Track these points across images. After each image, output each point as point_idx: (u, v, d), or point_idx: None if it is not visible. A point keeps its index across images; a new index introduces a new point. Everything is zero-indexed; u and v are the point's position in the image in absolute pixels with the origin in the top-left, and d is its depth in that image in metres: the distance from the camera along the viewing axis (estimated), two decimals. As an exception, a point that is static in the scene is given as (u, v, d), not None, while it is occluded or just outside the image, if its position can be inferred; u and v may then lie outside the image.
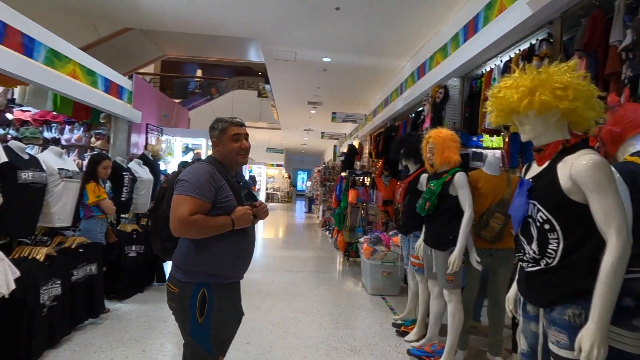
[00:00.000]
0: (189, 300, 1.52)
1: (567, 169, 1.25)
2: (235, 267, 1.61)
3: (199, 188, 1.49)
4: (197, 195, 1.48)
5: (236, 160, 1.65)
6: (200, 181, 1.50)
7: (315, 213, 13.75)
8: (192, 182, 1.49)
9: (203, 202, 1.49)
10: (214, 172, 1.56)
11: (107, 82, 4.44)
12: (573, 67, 1.31)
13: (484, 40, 3.27)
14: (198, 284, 1.53)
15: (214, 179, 1.53)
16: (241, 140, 1.64)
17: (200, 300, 1.52)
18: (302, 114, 10.58)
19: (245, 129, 1.68)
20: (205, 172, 1.53)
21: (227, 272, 1.59)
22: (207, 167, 1.56)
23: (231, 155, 1.63)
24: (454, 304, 2.53)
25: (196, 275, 1.54)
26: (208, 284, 1.54)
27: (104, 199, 3.27)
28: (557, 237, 1.27)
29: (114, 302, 3.64)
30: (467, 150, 3.94)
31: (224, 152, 1.63)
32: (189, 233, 1.51)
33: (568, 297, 1.25)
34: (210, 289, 1.54)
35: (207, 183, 1.50)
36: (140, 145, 5.27)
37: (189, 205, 1.46)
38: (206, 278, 1.54)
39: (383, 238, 4.42)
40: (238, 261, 1.61)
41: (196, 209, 1.47)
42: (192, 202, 1.47)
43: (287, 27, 4.87)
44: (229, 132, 1.62)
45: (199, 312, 1.52)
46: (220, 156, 1.65)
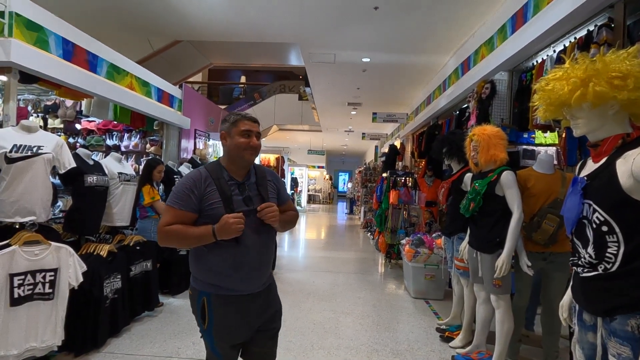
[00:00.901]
0: (195, 305, 1.53)
1: (629, 166, 1.14)
2: (230, 281, 1.47)
3: (178, 197, 1.44)
4: (175, 205, 1.44)
5: (242, 156, 1.50)
6: (181, 190, 1.45)
7: (357, 214, 13.67)
8: (174, 192, 1.47)
9: (181, 212, 1.43)
10: (202, 177, 1.47)
11: (159, 92, 4.78)
12: (634, 53, 1.19)
13: (535, 30, 3.05)
14: (201, 292, 1.50)
15: (197, 187, 1.44)
16: (251, 137, 1.51)
17: (201, 308, 1.49)
18: (342, 116, 10.59)
19: (257, 127, 1.56)
20: (188, 180, 1.47)
21: (223, 284, 1.48)
22: (195, 173, 1.50)
23: (237, 151, 1.49)
24: (503, 311, 2.40)
25: (199, 283, 1.51)
26: (208, 293, 1.48)
27: (158, 200, 3.52)
28: (616, 240, 1.16)
29: (167, 297, 3.90)
30: (517, 148, 3.71)
31: (230, 146, 1.50)
32: (168, 243, 1.48)
33: (631, 307, 1.13)
34: (210, 299, 1.48)
35: (187, 191, 1.44)
36: (190, 149, 5.60)
37: (167, 215, 1.44)
38: (207, 287, 1.49)
39: (426, 240, 4.30)
40: (236, 274, 1.47)
41: (173, 219, 1.43)
42: (170, 212, 1.44)
43: (326, 30, 4.91)
44: (240, 125, 1.50)
45: (202, 319, 1.50)
46: (227, 151, 1.53)
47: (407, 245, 4.39)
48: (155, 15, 4.93)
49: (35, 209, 2.29)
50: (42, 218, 2.34)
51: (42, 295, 2.28)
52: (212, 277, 1.48)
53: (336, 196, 23.19)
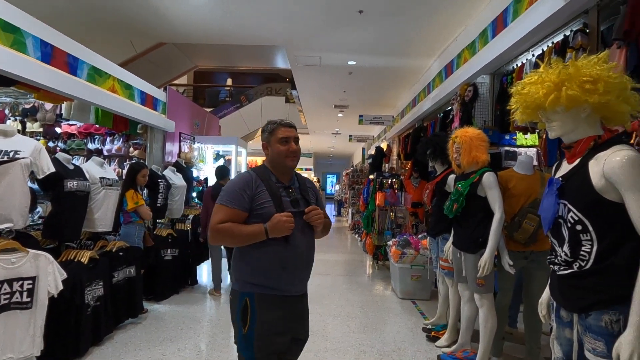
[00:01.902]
0: (236, 309, 1.50)
1: (600, 166, 1.18)
2: (278, 280, 1.50)
3: (230, 196, 1.49)
4: (228, 204, 1.48)
5: (284, 164, 1.56)
6: (233, 189, 1.50)
7: (345, 216, 13.71)
8: (226, 191, 1.51)
9: (234, 211, 1.47)
10: (253, 179, 1.52)
11: (143, 94, 4.71)
12: (604, 58, 1.24)
13: (514, 35, 3.14)
14: (243, 293, 1.49)
15: (249, 187, 1.50)
16: (289, 143, 1.56)
17: (243, 310, 1.47)
18: (329, 118, 10.63)
19: (295, 132, 1.61)
20: (240, 180, 1.53)
21: (269, 283, 1.49)
22: (245, 174, 1.56)
23: (279, 159, 1.56)
24: (486, 309, 2.44)
25: (242, 284, 1.51)
26: (251, 293, 1.48)
27: (142, 205, 3.46)
28: (590, 238, 1.20)
29: (151, 303, 3.83)
30: (500, 150, 3.79)
31: (272, 154, 1.58)
32: (220, 241, 1.52)
33: (604, 303, 1.17)
34: (254, 299, 1.47)
35: (239, 191, 1.48)
36: (174, 153, 5.52)
37: (220, 214, 1.48)
38: (250, 287, 1.49)
39: (412, 241, 4.34)
40: (284, 273, 1.50)
41: (226, 217, 1.47)
42: (222, 211, 1.48)
43: (312, 33, 4.94)
44: (278, 134, 1.56)
45: (242, 322, 1.47)
46: (269, 159, 1.60)
47: (393, 246, 4.43)
48: (138, 17, 4.86)
49: (12, 216, 2.22)
50: (19, 225, 2.27)
51: (19, 305, 2.21)
52: (257, 276, 1.49)
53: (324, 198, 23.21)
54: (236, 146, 6.61)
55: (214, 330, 3.27)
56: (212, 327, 3.36)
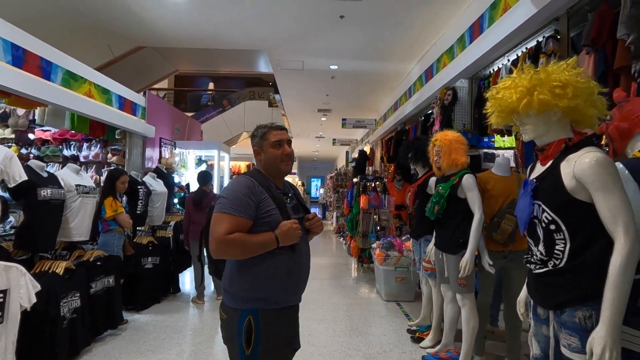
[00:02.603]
0: (236, 328, 1.37)
1: (571, 168, 1.23)
2: (284, 290, 1.42)
3: (236, 204, 1.36)
4: (235, 212, 1.35)
5: (279, 168, 1.50)
6: (238, 196, 1.37)
7: (329, 220, 13.73)
8: (230, 198, 1.38)
9: (241, 219, 1.36)
10: (254, 184, 1.42)
11: (121, 99, 4.60)
12: (572, 64, 1.30)
13: (490, 40, 3.24)
14: (244, 311, 1.37)
15: (254, 193, 1.40)
16: (283, 146, 1.49)
17: (247, 329, 1.35)
18: (312, 122, 10.66)
19: (287, 134, 1.54)
20: (243, 186, 1.40)
21: (275, 296, 1.40)
22: (246, 180, 1.44)
23: (273, 163, 1.49)
24: (468, 309, 2.48)
25: (242, 300, 1.38)
26: (255, 310, 1.37)
27: (121, 213, 3.37)
28: (563, 237, 1.24)
29: (132, 313, 3.73)
30: (479, 152, 3.89)
31: (266, 159, 1.49)
32: (228, 254, 1.38)
33: (577, 299, 1.21)
34: (258, 316, 1.36)
35: (245, 198, 1.37)
36: (155, 159, 5.41)
37: (225, 224, 1.34)
38: (253, 303, 1.37)
39: (395, 243, 4.38)
40: (287, 283, 1.43)
41: (234, 227, 1.34)
42: (229, 220, 1.34)
43: (293, 38, 4.95)
44: (270, 137, 1.49)
45: (246, 342, 1.35)
46: (263, 165, 1.51)
47: (377, 249, 4.46)
48: (116, 21, 4.76)
49: (-19, 227, 2.12)
50: (-12, 236, 2.18)
51: (-11, 320, 2.11)
52: (261, 290, 1.38)
53: (309, 202, 23.17)
54: (219, 151, 6.53)
55: (197, 340, 3.20)
56: (195, 336, 3.29)
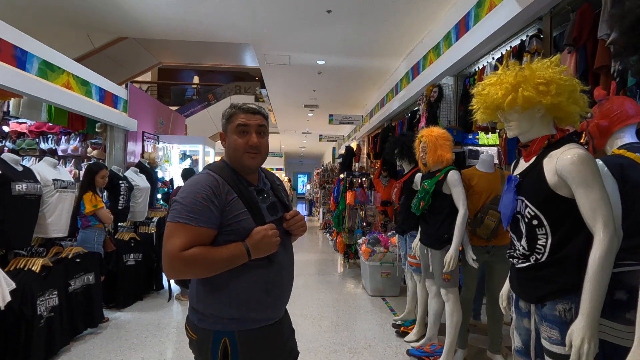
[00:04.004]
0: (210, 352, 1.15)
1: (553, 164, 1.25)
2: (264, 307, 1.19)
3: (193, 211, 1.09)
4: (192, 221, 1.09)
5: (241, 162, 1.21)
6: (195, 201, 1.10)
7: (316, 215, 13.74)
8: (185, 203, 1.10)
9: (201, 230, 1.09)
10: (219, 183, 1.15)
11: (101, 91, 4.46)
12: (556, 62, 1.31)
13: (476, 38, 3.27)
14: (217, 332, 1.14)
15: (217, 194, 1.13)
16: (249, 134, 1.20)
17: (222, 354, 1.14)
18: (299, 117, 10.60)
19: (260, 119, 1.23)
20: (203, 187, 1.12)
21: (253, 315, 1.17)
22: (208, 178, 1.15)
23: (235, 155, 1.21)
24: (452, 303, 2.52)
25: (214, 321, 1.15)
26: (231, 332, 1.14)
27: (101, 208, 3.27)
28: (545, 232, 1.27)
29: (113, 311, 3.64)
30: (463, 149, 3.94)
31: (228, 149, 1.23)
32: (185, 274, 1.12)
33: (558, 293, 1.24)
34: (235, 338, 1.14)
35: (204, 202, 1.10)
36: (137, 153, 5.28)
37: (180, 237, 1.08)
38: (226, 325, 1.15)
39: (381, 239, 4.41)
40: (268, 299, 1.19)
41: (191, 240, 1.08)
42: (184, 232, 1.08)
43: (280, 32, 4.88)
44: (235, 120, 1.21)
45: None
46: (227, 156, 1.25)
47: (363, 244, 4.48)
48: (95, 10, 4.59)
49: (-50, 222, 2.02)
50: (-42, 232, 2.08)
51: (-41, 320, 2.02)
52: (236, 309, 1.15)
53: (295, 198, 23.11)
54: (204, 146, 6.43)
55: (181, 337, 3.15)
56: (178, 333, 3.24)
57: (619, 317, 1.35)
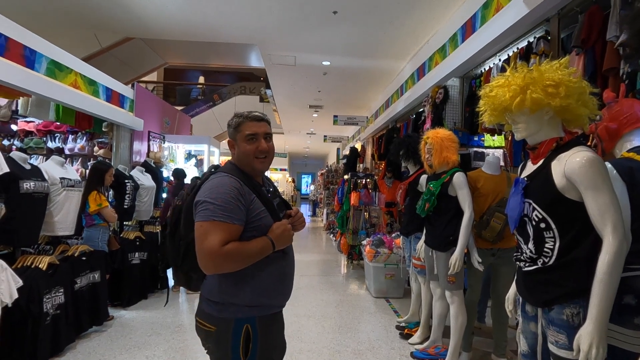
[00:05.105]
0: (231, 340, 1.25)
1: (562, 167, 1.23)
2: (280, 295, 1.35)
3: (227, 210, 1.19)
4: (227, 219, 1.18)
5: (252, 166, 1.33)
6: (227, 200, 1.20)
7: (320, 216, 13.74)
8: (218, 203, 1.19)
9: (235, 227, 1.20)
10: (240, 185, 1.26)
11: (108, 91, 4.50)
12: (565, 64, 1.30)
13: (482, 40, 3.25)
14: (239, 320, 1.26)
15: (242, 194, 1.24)
16: (258, 141, 1.32)
17: (245, 339, 1.26)
18: (304, 118, 10.61)
19: (265, 126, 1.36)
20: (231, 188, 1.23)
21: (271, 302, 1.32)
22: (230, 180, 1.26)
23: (247, 160, 1.32)
24: (456, 306, 2.51)
25: (236, 310, 1.26)
26: (252, 318, 1.27)
27: (106, 207, 3.29)
28: (553, 235, 1.26)
29: (118, 310, 3.66)
30: (469, 150, 3.92)
31: (239, 155, 1.34)
32: (224, 268, 1.21)
33: (566, 297, 1.23)
34: (255, 324, 1.27)
35: (235, 201, 1.21)
36: (143, 152, 5.32)
37: (219, 234, 1.17)
38: (249, 311, 1.27)
39: (385, 240, 4.40)
40: (283, 287, 1.36)
41: (229, 236, 1.18)
42: (221, 229, 1.17)
43: (285, 32, 4.90)
44: (243, 129, 1.32)
45: (243, 353, 1.26)
46: (237, 160, 1.35)
47: (367, 245, 4.47)
48: (103, 10, 4.63)
49: (-41, 220, 2.05)
50: (-33, 229, 2.10)
51: (-32, 316, 2.05)
52: (257, 297, 1.28)
53: (299, 198, 23.12)
54: (209, 146, 6.46)
55: (185, 336, 3.17)
56: (183, 332, 3.26)
57: (627, 322, 1.34)
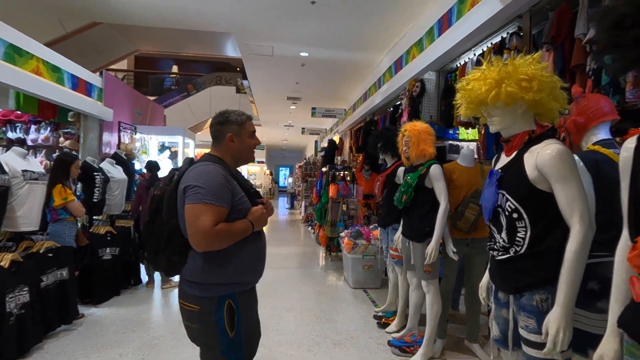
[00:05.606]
0: (215, 316, 1.40)
1: (533, 159, 1.28)
2: (257, 272, 1.54)
3: (217, 194, 1.35)
4: (217, 202, 1.35)
5: (250, 158, 1.60)
6: (217, 185, 1.37)
7: (298, 209, 13.73)
8: (208, 188, 1.35)
9: (223, 209, 1.37)
10: (226, 173, 1.44)
11: (74, 78, 4.26)
12: (537, 59, 1.34)
13: (458, 34, 3.31)
14: (222, 297, 1.41)
15: (228, 181, 1.42)
16: (255, 137, 1.61)
17: (229, 313, 1.41)
18: (281, 110, 10.49)
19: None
20: (219, 175, 1.40)
21: (250, 278, 1.51)
22: (217, 168, 1.43)
23: (248, 152, 1.57)
24: (432, 294, 2.58)
25: (219, 288, 1.41)
26: (233, 294, 1.43)
27: (72, 201, 3.14)
28: (524, 225, 1.30)
29: (88, 307, 3.53)
30: (444, 143, 4.00)
31: (241, 147, 1.53)
32: (215, 245, 1.36)
33: (536, 284, 1.28)
34: (236, 299, 1.43)
35: (223, 187, 1.38)
36: (113, 144, 5.10)
37: (210, 215, 1.32)
38: (230, 289, 1.43)
39: (363, 232, 4.45)
40: (260, 265, 1.55)
41: (218, 217, 1.35)
42: (212, 211, 1.33)
43: (263, 22, 4.79)
44: (248, 127, 1.55)
45: (229, 326, 1.41)
46: (235, 152, 1.53)
47: (346, 237, 4.51)
48: (67, -8, 4.37)
49: None
50: None
51: None
52: (237, 275, 1.45)
53: (277, 191, 23.03)
54: (183, 137, 6.27)
55: (161, 332, 3.09)
56: (158, 328, 3.18)
57: (591, 306, 1.42)
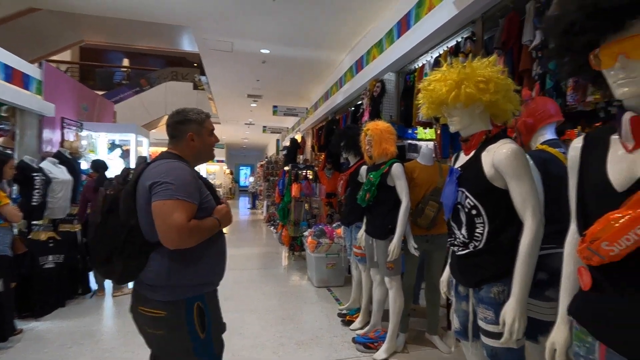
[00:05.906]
0: (185, 319, 1.35)
1: (490, 158, 1.34)
2: (221, 271, 1.53)
3: (187, 190, 1.34)
4: (188, 198, 1.33)
5: (210, 156, 1.58)
6: (187, 182, 1.35)
7: (260, 209, 13.52)
8: (178, 184, 1.32)
9: (194, 206, 1.35)
10: (192, 170, 1.44)
11: (7, 69, 3.85)
12: (493, 62, 1.41)
13: (416, 37, 3.41)
14: (190, 299, 1.37)
15: (196, 178, 1.42)
16: (214, 135, 1.59)
17: (198, 315, 1.38)
18: (242, 108, 10.25)
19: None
20: (187, 173, 1.39)
21: (215, 279, 1.49)
22: (186, 166, 1.42)
23: (208, 150, 1.55)
24: (395, 290, 2.64)
25: (186, 290, 1.37)
26: (201, 295, 1.40)
27: (5, 205, 2.82)
28: (483, 221, 1.36)
29: (28, 321, 3.21)
30: (404, 142, 4.12)
31: (201, 146, 1.51)
32: (187, 242, 1.33)
33: (493, 277, 1.34)
34: (205, 300, 1.41)
35: (193, 183, 1.37)
36: (56, 141, 4.68)
37: (183, 211, 1.30)
38: (198, 289, 1.40)
39: (327, 230, 4.47)
40: (224, 264, 1.54)
41: (190, 214, 1.32)
42: (184, 207, 1.31)
43: (222, 16, 4.63)
44: (208, 125, 1.54)
45: (200, 328, 1.37)
46: (195, 151, 1.50)
47: (309, 236, 4.50)
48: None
49: None
50: None
51: None
52: (204, 276, 1.43)
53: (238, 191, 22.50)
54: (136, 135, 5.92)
55: (112, 344, 2.88)
56: (109, 340, 2.96)
57: (540, 295, 1.52)
